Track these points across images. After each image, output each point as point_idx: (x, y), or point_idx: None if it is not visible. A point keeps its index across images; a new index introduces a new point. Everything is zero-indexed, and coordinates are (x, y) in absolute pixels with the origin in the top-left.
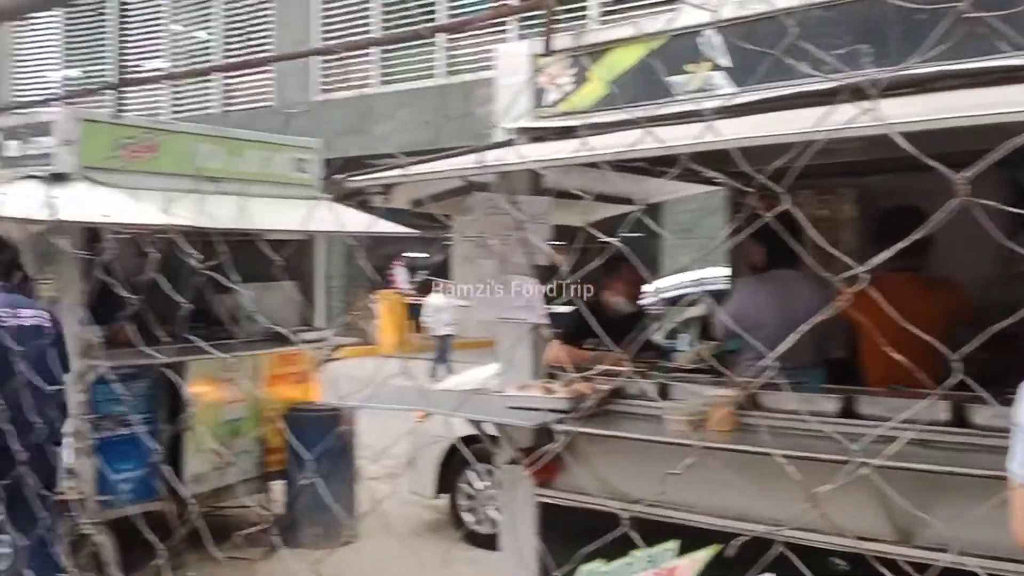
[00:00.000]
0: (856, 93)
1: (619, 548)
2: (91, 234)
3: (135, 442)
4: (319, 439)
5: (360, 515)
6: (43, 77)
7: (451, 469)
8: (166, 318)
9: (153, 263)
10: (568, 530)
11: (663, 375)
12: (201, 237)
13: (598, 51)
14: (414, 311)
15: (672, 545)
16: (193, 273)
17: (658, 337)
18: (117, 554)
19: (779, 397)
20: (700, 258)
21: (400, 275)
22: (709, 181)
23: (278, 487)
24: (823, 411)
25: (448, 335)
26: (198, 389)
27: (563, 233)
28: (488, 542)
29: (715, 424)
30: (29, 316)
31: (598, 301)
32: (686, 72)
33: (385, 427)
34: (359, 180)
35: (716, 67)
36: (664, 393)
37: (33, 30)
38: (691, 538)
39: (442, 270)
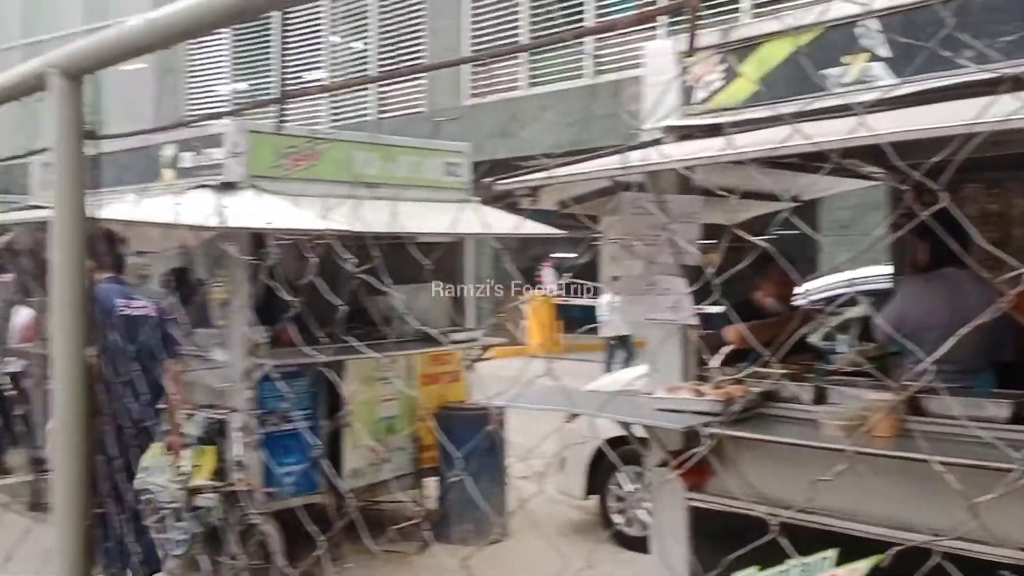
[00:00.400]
0: (1020, 83)
1: (774, 556)
2: (257, 239)
3: (297, 437)
4: (469, 437)
5: (509, 513)
6: (214, 92)
7: (601, 470)
8: (325, 319)
9: (313, 267)
10: (720, 535)
11: (820, 378)
12: (357, 241)
13: (748, 46)
14: (562, 312)
15: (830, 554)
16: (350, 276)
17: (815, 339)
18: (283, 544)
19: (943, 402)
20: (859, 257)
21: (548, 276)
22: (867, 176)
23: (431, 484)
24: (992, 416)
25: (628, 335)
26: (355, 387)
27: (716, 232)
28: (638, 544)
29: (874, 430)
30: (139, 306)
31: (749, 301)
32: (842, 64)
33: (534, 427)
34: (507, 183)
35: (874, 57)
36: (821, 397)
37: (205, 47)
38: (850, 547)
39: (591, 271)
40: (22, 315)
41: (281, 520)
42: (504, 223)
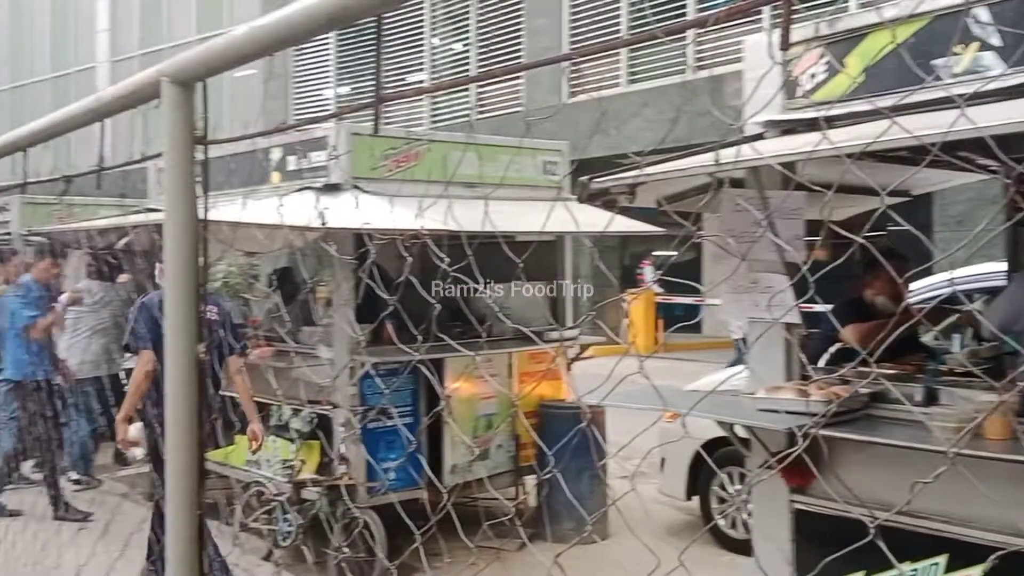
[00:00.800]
0: None
1: (882, 561)
2: (359, 239)
3: (398, 433)
4: (569, 435)
5: (609, 513)
6: (319, 95)
7: (703, 471)
8: (425, 317)
9: (411, 266)
10: (825, 539)
11: (930, 378)
12: (455, 240)
13: (851, 38)
14: (663, 310)
15: (940, 560)
16: (448, 275)
17: (927, 338)
18: (384, 537)
19: None
20: (974, 253)
21: (649, 274)
22: (981, 170)
23: (531, 481)
24: None
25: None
26: (455, 385)
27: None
28: (741, 547)
29: (986, 432)
30: (214, 314)
31: (859, 300)
32: (953, 54)
33: (634, 427)
34: (604, 180)
35: (985, 46)
36: (931, 397)
37: (310, 51)
38: (960, 553)
39: (693, 269)
40: None
41: (382, 515)
42: (601, 221)
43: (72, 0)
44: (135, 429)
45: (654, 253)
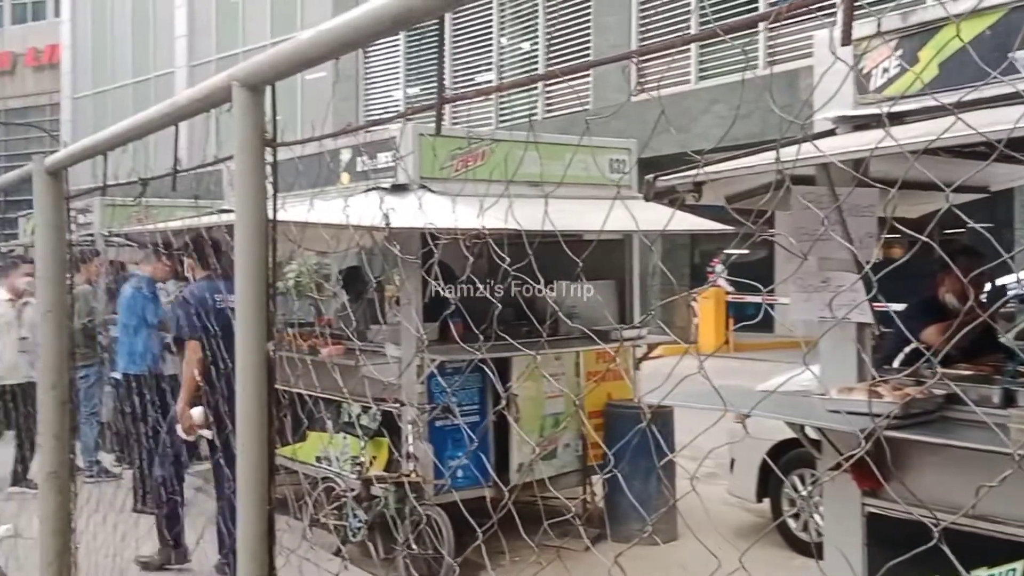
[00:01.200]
0: None
1: (954, 567)
2: (426, 239)
3: (465, 431)
4: (635, 435)
5: (677, 514)
6: (388, 96)
7: (774, 472)
8: (492, 316)
9: (479, 265)
10: (898, 543)
11: (1008, 379)
12: (520, 239)
13: (926, 31)
14: (734, 309)
15: (1017, 566)
16: (512, 275)
17: (1008, 339)
18: (451, 534)
19: None
20: None
21: (719, 273)
22: None
23: (598, 481)
24: None
25: None
26: (522, 384)
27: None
28: (812, 550)
29: None
30: (233, 299)
31: (934, 298)
32: None
33: (703, 427)
34: (670, 178)
35: None
36: (1009, 399)
37: (380, 53)
38: None
39: (765, 267)
40: None
41: (451, 512)
42: (667, 219)
43: (152, 7)
44: (197, 413)
45: (724, 251)
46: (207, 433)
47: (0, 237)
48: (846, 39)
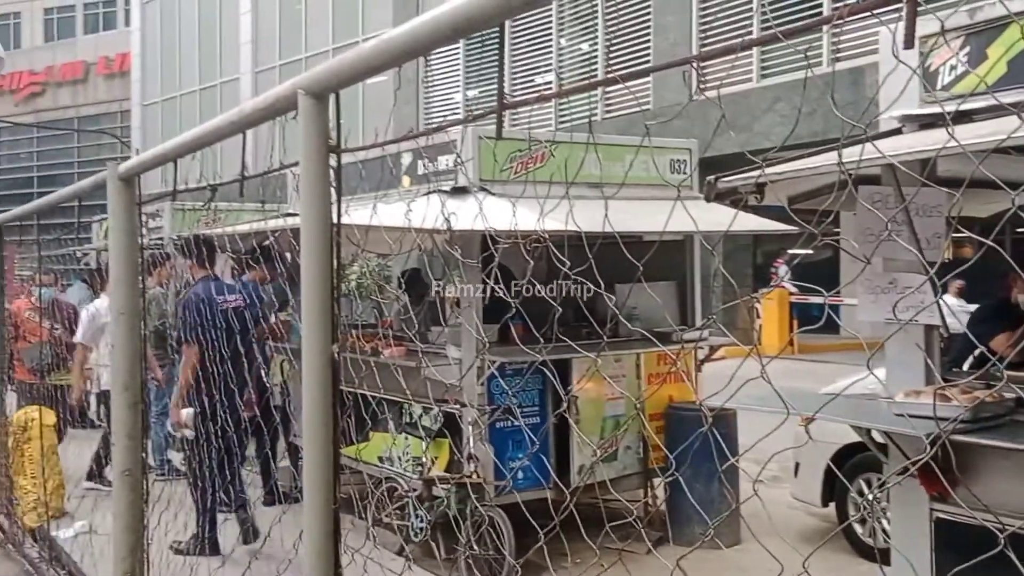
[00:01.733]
0: None
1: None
2: (486, 242)
3: (526, 433)
4: (697, 438)
5: (740, 518)
6: (449, 99)
7: (839, 477)
8: (552, 318)
9: (539, 267)
10: (967, 550)
11: None
12: (580, 241)
13: (993, 28)
14: (798, 311)
15: None
16: (570, 276)
17: None
18: (512, 536)
19: None
20: None
21: (782, 274)
22: None
23: (659, 484)
24: None
25: None
26: (582, 386)
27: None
28: (881, 556)
29: None
30: (233, 299)
31: (1006, 300)
32: None
33: (767, 430)
34: (731, 179)
35: None
36: None
37: (440, 56)
38: None
39: (831, 268)
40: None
41: (510, 513)
42: (729, 220)
43: (218, 15)
44: (187, 414)
45: (788, 251)
46: (189, 433)
47: (75, 242)
48: (909, 42)
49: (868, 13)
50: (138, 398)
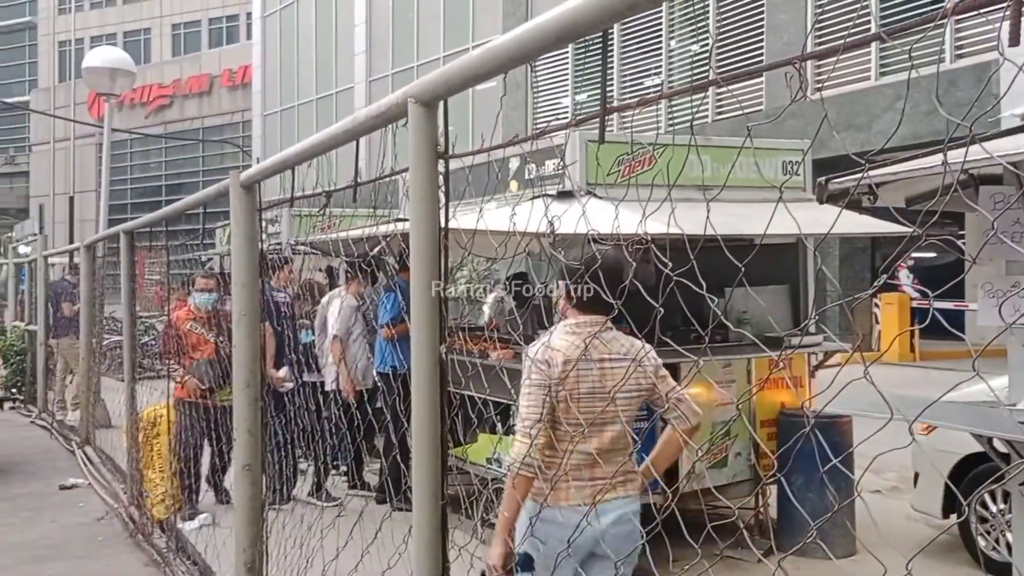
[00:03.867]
0: None
1: None
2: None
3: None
4: (810, 446)
5: (857, 528)
6: (557, 103)
7: (962, 487)
8: (654, 320)
9: (646, 271)
10: None
11: None
12: (692, 244)
13: None
14: (920, 316)
15: None
16: (676, 280)
17: None
18: None
19: None
20: None
21: (904, 278)
22: None
23: (772, 491)
24: None
25: None
26: (691, 391)
27: None
28: (1006, 570)
29: None
30: (282, 297)
31: None
32: None
33: (888, 438)
34: (843, 180)
35: None
36: None
37: (549, 60)
38: None
39: (955, 271)
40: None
41: None
42: (844, 222)
43: (335, 26)
44: (284, 371)
45: (910, 255)
46: (289, 384)
47: (200, 247)
48: (1014, 39)
49: (974, 12)
50: (259, 395)
